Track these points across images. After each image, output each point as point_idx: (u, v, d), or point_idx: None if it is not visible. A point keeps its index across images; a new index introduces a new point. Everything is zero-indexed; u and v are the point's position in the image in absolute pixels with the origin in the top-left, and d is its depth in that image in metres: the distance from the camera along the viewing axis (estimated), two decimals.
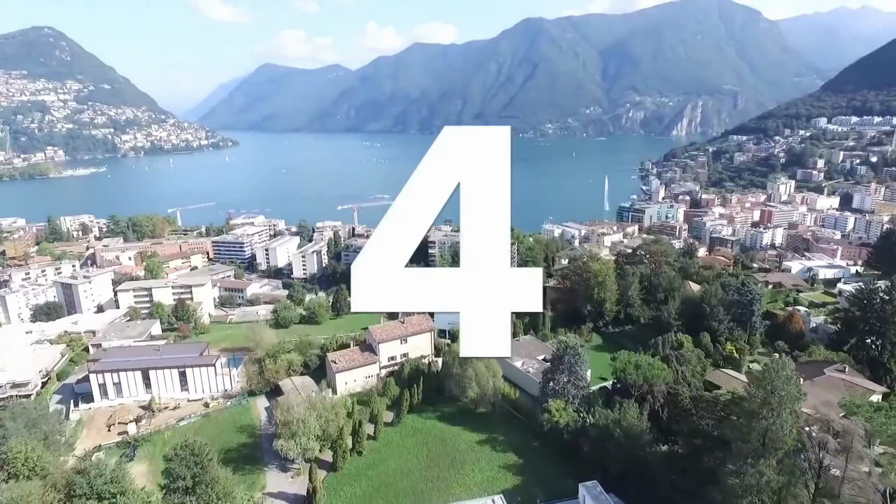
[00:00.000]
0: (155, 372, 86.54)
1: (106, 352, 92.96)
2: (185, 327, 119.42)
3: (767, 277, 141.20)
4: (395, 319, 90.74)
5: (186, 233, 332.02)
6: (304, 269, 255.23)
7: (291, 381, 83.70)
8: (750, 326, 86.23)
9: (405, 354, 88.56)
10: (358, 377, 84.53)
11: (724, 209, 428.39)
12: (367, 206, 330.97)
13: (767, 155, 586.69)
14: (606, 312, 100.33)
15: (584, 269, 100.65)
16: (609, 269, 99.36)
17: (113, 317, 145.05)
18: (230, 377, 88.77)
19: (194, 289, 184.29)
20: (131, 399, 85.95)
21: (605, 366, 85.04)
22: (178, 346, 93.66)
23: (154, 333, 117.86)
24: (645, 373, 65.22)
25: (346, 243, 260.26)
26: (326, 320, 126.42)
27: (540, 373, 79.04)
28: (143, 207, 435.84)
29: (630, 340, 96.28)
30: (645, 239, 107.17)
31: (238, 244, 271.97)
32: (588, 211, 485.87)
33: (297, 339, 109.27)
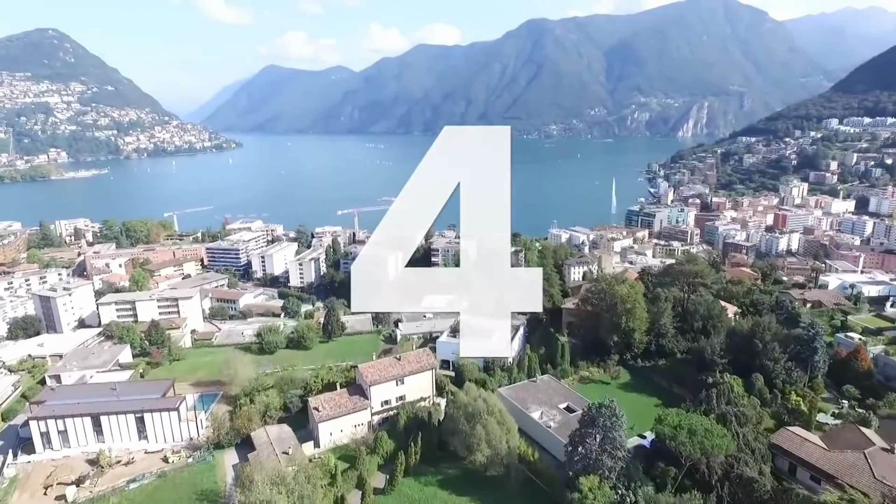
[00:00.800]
0: (108, 418, 73.12)
1: (54, 391, 79.58)
2: (157, 353, 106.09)
3: (805, 295, 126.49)
4: (390, 356, 76.88)
5: (183, 238, 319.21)
6: (302, 278, 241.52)
7: (266, 432, 70.13)
8: (811, 366, 72.03)
9: (401, 397, 74.66)
10: (345, 426, 70.83)
11: (735, 213, 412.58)
12: (369, 210, 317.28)
13: (778, 157, 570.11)
14: (635, 344, 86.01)
15: (608, 292, 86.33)
16: (638, 294, 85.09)
17: (84, 337, 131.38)
18: (198, 423, 75.32)
19: (181, 302, 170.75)
20: (79, 450, 72.57)
21: (636, 410, 71.14)
22: (138, 386, 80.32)
23: (122, 361, 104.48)
24: (702, 441, 51.35)
25: (345, 250, 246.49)
26: (316, 344, 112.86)
27: (563, 426, 64.83)
28: (142, 210, 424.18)
29: (664, 378, 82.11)
30: (677, 258, 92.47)
31: (233, 251, 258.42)
32: (595, 214, 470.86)
33: (280, 371, 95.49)
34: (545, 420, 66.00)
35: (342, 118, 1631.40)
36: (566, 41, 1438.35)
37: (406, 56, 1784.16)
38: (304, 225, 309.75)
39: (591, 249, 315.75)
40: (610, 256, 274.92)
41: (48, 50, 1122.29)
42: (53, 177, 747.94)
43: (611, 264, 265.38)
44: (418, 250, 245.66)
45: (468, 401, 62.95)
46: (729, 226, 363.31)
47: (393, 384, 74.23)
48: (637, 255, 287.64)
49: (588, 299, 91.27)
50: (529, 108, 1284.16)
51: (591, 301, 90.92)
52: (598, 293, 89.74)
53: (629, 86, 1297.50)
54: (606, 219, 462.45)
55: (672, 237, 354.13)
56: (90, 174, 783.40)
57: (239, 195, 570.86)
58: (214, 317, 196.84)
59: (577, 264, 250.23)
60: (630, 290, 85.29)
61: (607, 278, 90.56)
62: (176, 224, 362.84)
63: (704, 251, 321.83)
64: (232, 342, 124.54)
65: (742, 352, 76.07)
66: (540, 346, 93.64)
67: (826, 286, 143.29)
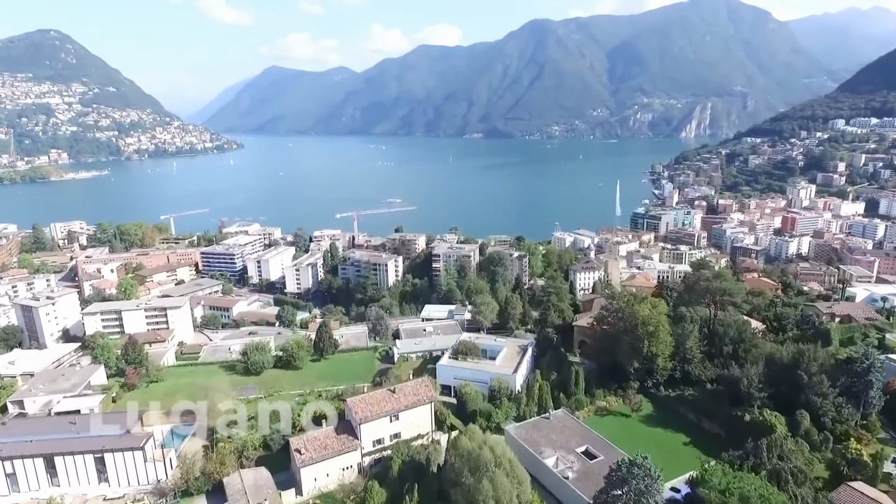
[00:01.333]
0: (63, 458, 64.23)
1: (6, 426, 70.70)
2: (133, 374, 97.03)
3: (833, 309, 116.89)
4: (383, 388, 67.67)
5: (178, 241, 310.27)
6: (299, 284, 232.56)
7: (240, 477, 61.05)
8: (865, 402, 62.69)
9: (396, 435, 65.44)
10: (332, 470, 61.77)
11: (742, 215, 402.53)
12: (369, 213, 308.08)
13: (784, 158, 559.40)
14: (658, 370, 76.64)
15: (628, 313, 76.98)
16: (661, 315, 75.73)
17: (61, 353, 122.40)
18: (166, 463, 66.35)
19: (169, 312, 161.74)
20: (29, 496, 63.71)
21: (662, 448, 62.05)
22: (101, 419, 71.37)
23: (95, 383, 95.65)
24: None
25: (343, 255, 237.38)
26: (306, 364, 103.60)
27: (582, 477, 55.52)
28: (140, 212, 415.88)
29: (691, 410, 72.73)
30: (701, 274, 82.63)
31: (228, 255, 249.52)
32: (599, 216, 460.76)
33: (264, 396, 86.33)
34: (561, 468, 56.69)
35: (344, 119, 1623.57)
36: (568, 41, 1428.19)
37: (408, 57, 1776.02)
38: (302, 228, 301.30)
39: (597, 254, 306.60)
40: (616, 261, 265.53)
41: (50, 51, 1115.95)
42: (53, 178, 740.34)
43: (618, 270, 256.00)
44: (418, 256, 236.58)
45: (472, 448, 53.74)
46: (737, 229, 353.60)
47: (386, 420, 64.99)
48: (644, 260, 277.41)
49: (604, 319, 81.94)
50: (531, 109, 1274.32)
51: (607, 321, 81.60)
52: (614, 312, 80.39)
53: (632, 86, 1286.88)
54: (610, 221, 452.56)
55: (679, 240, 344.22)
56: (90, 175, 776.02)
57: (239, 197, 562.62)
58: (206, 325, 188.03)
59: (584, 270, 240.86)
60: (652, 310, 75.87)
61: (626, 296, 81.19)
62: (172, 227, 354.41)
63: (712, 255, 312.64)
64: (218, 360, 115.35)
65: (782, 382, 66.69)
66: (551, 371, 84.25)
67: (853, 298, 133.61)
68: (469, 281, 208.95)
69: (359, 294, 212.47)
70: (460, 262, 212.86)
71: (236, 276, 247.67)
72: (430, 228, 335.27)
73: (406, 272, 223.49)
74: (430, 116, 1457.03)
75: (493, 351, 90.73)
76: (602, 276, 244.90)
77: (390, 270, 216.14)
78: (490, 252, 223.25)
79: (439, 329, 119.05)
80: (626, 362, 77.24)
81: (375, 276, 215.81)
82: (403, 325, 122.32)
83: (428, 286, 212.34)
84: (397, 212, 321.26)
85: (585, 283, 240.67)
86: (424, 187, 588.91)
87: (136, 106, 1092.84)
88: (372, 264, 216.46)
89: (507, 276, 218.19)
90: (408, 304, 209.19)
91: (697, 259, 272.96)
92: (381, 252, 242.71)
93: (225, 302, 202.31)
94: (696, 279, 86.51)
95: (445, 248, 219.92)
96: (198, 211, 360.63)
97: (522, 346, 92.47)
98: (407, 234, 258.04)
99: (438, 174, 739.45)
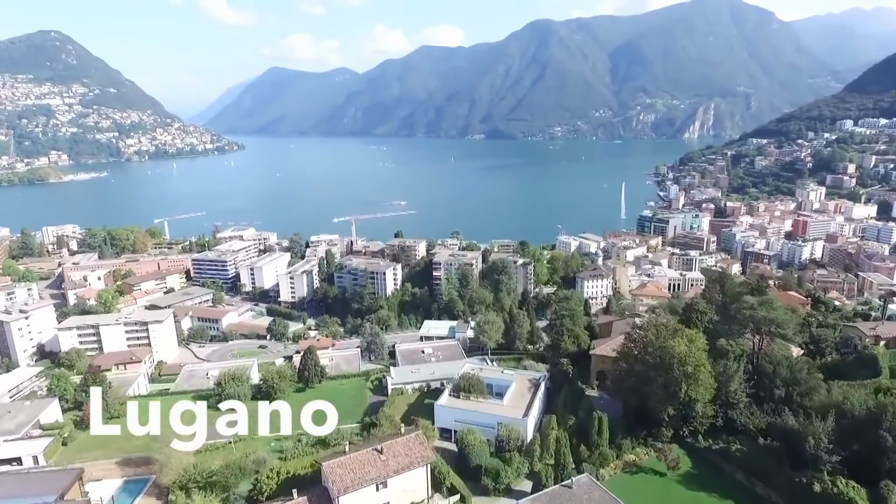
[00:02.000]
0: None
1: None
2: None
3: (878, 330, 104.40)
4: (369, 448, 55.41)
5: (172, 246, 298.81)
6: (293, 292, 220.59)
7: None
8: None
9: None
10: None
11: (752, 218, 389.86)
12: (368, 217, 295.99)
13: (792, 159, 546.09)
14: (697, 417, 64.13)
15: (659, 348, 64.47)
16: (700, 352, 63.10)
17: (20, 379, 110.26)
18: None
19: (151, 327, 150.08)
20: None
21: None
22: (30, 479, 59.18)
23: (46, 420, 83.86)
24: None
25: (339, 262, 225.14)
26: (289, 395, 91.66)
27: None
28: (136, 215, 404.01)
29: (741, 469, 60.13)
30: (745, 302, 69.76)
31: (220, 263, 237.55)
32: (603, 219, 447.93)
33: (233, 441, 73.95)
34: None
35: (345, 120, 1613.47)
36: (570, 42, 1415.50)
37: (409, 57, 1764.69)
38: (298, 233, 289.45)
39: (604, 259, 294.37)
40: (625, 268, 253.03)
41: (50, 52, 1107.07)
42: (52, 180, 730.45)
43: (626, 277, 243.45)
44: (418, 264, 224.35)
45: None
46: (747, 233, 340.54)
47: (372, 489, 52.65)
48: (653, 266, 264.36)
49: (629, 353, 69.50)
50: (534, 110, 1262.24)
51: (632, 355, 69.15)
52: (642, 346, 67.88)
53: (634, 87, 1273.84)
54: (616, 224, 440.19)
55: (687, 245, 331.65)
56: (89, 177, 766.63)
57: (237, 199, 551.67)
58: (194, 339, 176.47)
59: (592, 277, 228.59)
60: (690, 346, 63.29)
61: (654, 326, 68.65)
62: (167, 231, 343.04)
63: (724, 260, 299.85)
64: (193, 388, 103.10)
65: (855, 440, 54.31)
66: (567, 413, 71.75)
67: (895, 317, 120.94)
68: (471, 290, 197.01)
69: (355, 304, 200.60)
70: (462, 270, 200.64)
71: (229, 283, 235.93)
72: (430, 232, 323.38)
73: (405, 280, 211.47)
74: (431, 117, 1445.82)
75: (500, 387, 78.26)
76: (611, 284, 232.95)
77: (388, 279, 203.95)
78: (493, 260, 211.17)
79: (439, 352, 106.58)
80: (659, 407, 64.78)
81: (373, 285, 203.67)
82: (400, 346, 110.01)
83: (428, 295, 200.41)
84: (397, 216, 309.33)
85: (594, 292, 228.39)
86: (426, 189, 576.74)
87: (136, 107, 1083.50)
88: (369, 273, 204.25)
89: (512, 285, 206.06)
90: (406, 315, 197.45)
91: (717, 269, 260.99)
92: (380, 259, 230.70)
93: (214, 313, 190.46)
94: (735, 306, 73.84)
95: (446, 256, 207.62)
96: (193, 214, 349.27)
97: (534, 381, 79.97)
98: (407, 239, 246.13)
99: (440, 175, 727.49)
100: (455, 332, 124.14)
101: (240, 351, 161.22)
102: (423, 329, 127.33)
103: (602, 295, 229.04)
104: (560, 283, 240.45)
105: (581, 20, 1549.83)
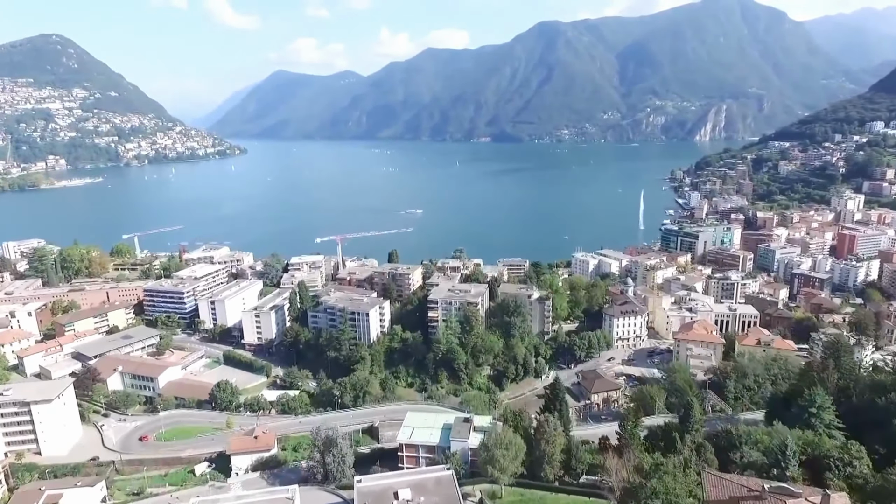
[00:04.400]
0: None
1: None
2: None
3: None
4: None
5: (136, 267, 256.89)
6: (259, 333, 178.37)
7: None
8: None
9: None
10: None
11: (786, 230, 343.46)
12: (355, 236, 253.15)
13: (822, 164, 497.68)
14: None
15: None
16: None
17: None
18: None
19: (34, 408, 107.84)
20: None
21: None
22: None
23: None
24: None
25: (315, 296, 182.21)
26: None
27: None
28: (115, 226, 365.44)
29: None
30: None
31: (176, 294, 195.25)
32: (619, 229, 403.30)
33: None
34: None
35: (350, 123, 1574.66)
36: (578, 43, 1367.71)
37: (414, 60, 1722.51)
38: (276, 254, 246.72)
39: (627, 277, 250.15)
40: (659, 298, 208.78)
41: (51, 55, 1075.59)
42: (44, 186, 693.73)
43: (663, 311, 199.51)
44: (411, 300, 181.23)
45: None
46: (787, 250, 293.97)
47: None
48: (689, 293, 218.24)
49: None
50: (541, 112, 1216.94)
51: None
52: None
53: (643, 89, 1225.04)
54: (633, 236, 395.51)
55: (720, 263, 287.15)
56: (83, 182, 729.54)
57: (228, 207, 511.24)
58: (115, 407, 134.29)
59: (623, 314, 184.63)
60: None
61: None
62: (137, 247, 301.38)
63: (767, 284, 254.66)
64: None
65: None
66: None
67: None
68: (476, 337, 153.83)
69: (332, 351, 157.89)
70: (464, 311, 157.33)
71: (186, 318, 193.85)
72: (430, 249, 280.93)
73: (395, 321, 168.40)
74: (436, 120, 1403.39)
75: None
76: (646, 322, 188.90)
77: (373, 321, 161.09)
78: (503, 297, 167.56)
79: (421, 495, 63.80)
80: None
81: (354, 329, 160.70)
82: (363, 485, 67.24)
83: (423, 341, 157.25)
84: (390, 234, 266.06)
85: (625, 331, 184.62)
86: (428, 197, 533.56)
87: (138, 111, 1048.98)
88: (349, 313, 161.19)
89: (526, 328, 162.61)
90: (395, 368, 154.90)
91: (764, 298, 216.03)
92: (366, 290, 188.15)
93: (149, 368, 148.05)
94: None
95: (445, 292, 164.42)
96: (169, 228, 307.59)
97: None
98: (400, 266, 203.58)
99: (443, 181, 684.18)
100: (451, 440, 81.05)
101: (170, 431, 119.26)
102: (402, 434, 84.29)
103: (635, 335, 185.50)
104: (582, 318, 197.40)
105: (588, 21, 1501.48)
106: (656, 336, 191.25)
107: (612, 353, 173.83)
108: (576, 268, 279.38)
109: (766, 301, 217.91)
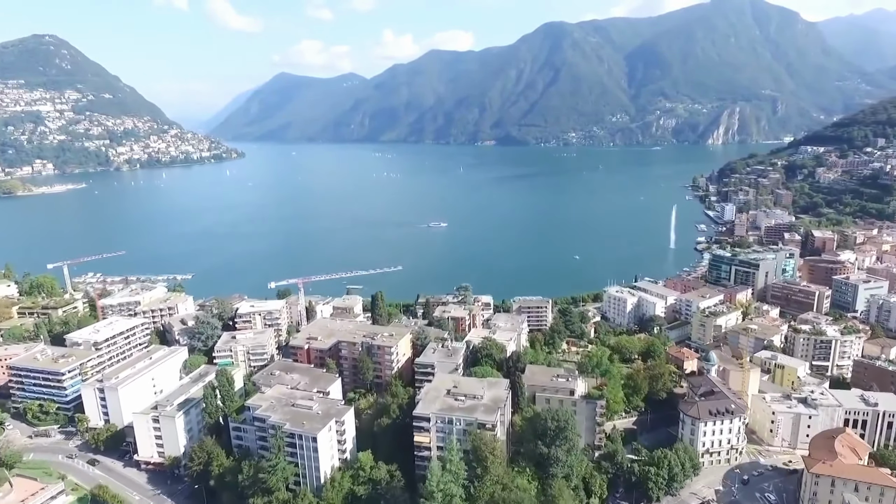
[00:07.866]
0: None
1: None
2: None
3: None
4: None
5: (47, 312, 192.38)
6: (160, 447, 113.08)
7: None
8: None
9: None
10: None
11: (852, 253, 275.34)
12: (319, 279, 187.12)
13: (872, 172, 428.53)
14: None
15: None
16: None
17: None
18: None
19: None
20: None
21: None
22: None
23: None
24: None
25: (242, 392, 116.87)
26: None
27: None
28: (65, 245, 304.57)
29: None
30: None
31: (53, 376, 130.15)
32: (644, 248, 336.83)
33: None
34: None
35: (352, 126, 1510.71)
36: (585, 45, 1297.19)
37: (418, 62, 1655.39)
38: (221, 298, 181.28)
39: (709, 351, 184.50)
40: (747, 373, 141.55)
41: (44, 56, 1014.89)
42: (20, 192, 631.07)
43: (764, 406, 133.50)
44: (394, 405, 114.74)
45: None
46: (872, 284, 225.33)
47: None
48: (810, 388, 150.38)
49: None
50: (547, 115, 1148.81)
51: None
52: None
53: (653, 90, 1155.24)
54: (663, 255, 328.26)
55: (789, 301, 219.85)
56: (65, 189, 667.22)
57: (205, 218, 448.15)
58: None
59: (714, 417, 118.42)
60: None
61: None
62: (67, 281, 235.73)
63: (872, 339, 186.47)
64: None
65: None
66: None
67: None
68: (491, 485, 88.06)
69: (257, 498, 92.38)
70: (474, 439, 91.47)
71: (68, 411, 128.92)
72: (427, 285, 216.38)
73: (364, 436, 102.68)
74: (440, 123, 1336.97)
75: None
76: (744, 425, 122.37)
77: (323, 449, 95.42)
78: (531, 394, 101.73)
79: None
80: None
81: (295, 459, 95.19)
82: None
83: (403, 486, 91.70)
84: (363, 275, 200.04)
85: (716, 443, 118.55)
86: (429, 208, 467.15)
87: (133, 113, 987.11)
88: (287, 434, 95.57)
89: (573, 460, 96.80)
90: None
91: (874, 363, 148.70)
92: (330, 368, 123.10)
93: None
94: None
95: (441, 403, 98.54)
96: (108, 255, 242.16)
97: None
98: (381, 332, 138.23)
99: (446, 189, 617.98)
100: None
101: None
102: None
103: (731, 447, 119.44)
104: (642, 408, 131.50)
105: (596, 22, 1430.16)
106: (754, 439, 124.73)
107: (699, 481, 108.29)
108: (608, 307, 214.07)
109: (886, 372, 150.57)
